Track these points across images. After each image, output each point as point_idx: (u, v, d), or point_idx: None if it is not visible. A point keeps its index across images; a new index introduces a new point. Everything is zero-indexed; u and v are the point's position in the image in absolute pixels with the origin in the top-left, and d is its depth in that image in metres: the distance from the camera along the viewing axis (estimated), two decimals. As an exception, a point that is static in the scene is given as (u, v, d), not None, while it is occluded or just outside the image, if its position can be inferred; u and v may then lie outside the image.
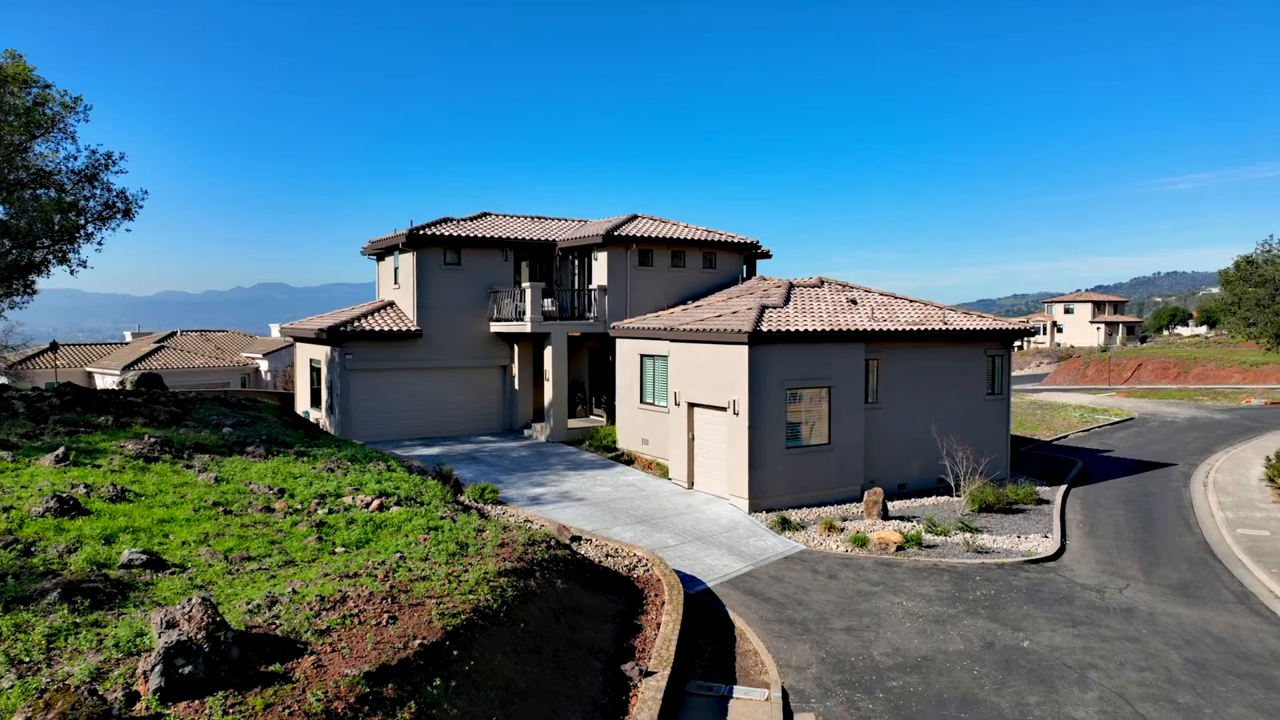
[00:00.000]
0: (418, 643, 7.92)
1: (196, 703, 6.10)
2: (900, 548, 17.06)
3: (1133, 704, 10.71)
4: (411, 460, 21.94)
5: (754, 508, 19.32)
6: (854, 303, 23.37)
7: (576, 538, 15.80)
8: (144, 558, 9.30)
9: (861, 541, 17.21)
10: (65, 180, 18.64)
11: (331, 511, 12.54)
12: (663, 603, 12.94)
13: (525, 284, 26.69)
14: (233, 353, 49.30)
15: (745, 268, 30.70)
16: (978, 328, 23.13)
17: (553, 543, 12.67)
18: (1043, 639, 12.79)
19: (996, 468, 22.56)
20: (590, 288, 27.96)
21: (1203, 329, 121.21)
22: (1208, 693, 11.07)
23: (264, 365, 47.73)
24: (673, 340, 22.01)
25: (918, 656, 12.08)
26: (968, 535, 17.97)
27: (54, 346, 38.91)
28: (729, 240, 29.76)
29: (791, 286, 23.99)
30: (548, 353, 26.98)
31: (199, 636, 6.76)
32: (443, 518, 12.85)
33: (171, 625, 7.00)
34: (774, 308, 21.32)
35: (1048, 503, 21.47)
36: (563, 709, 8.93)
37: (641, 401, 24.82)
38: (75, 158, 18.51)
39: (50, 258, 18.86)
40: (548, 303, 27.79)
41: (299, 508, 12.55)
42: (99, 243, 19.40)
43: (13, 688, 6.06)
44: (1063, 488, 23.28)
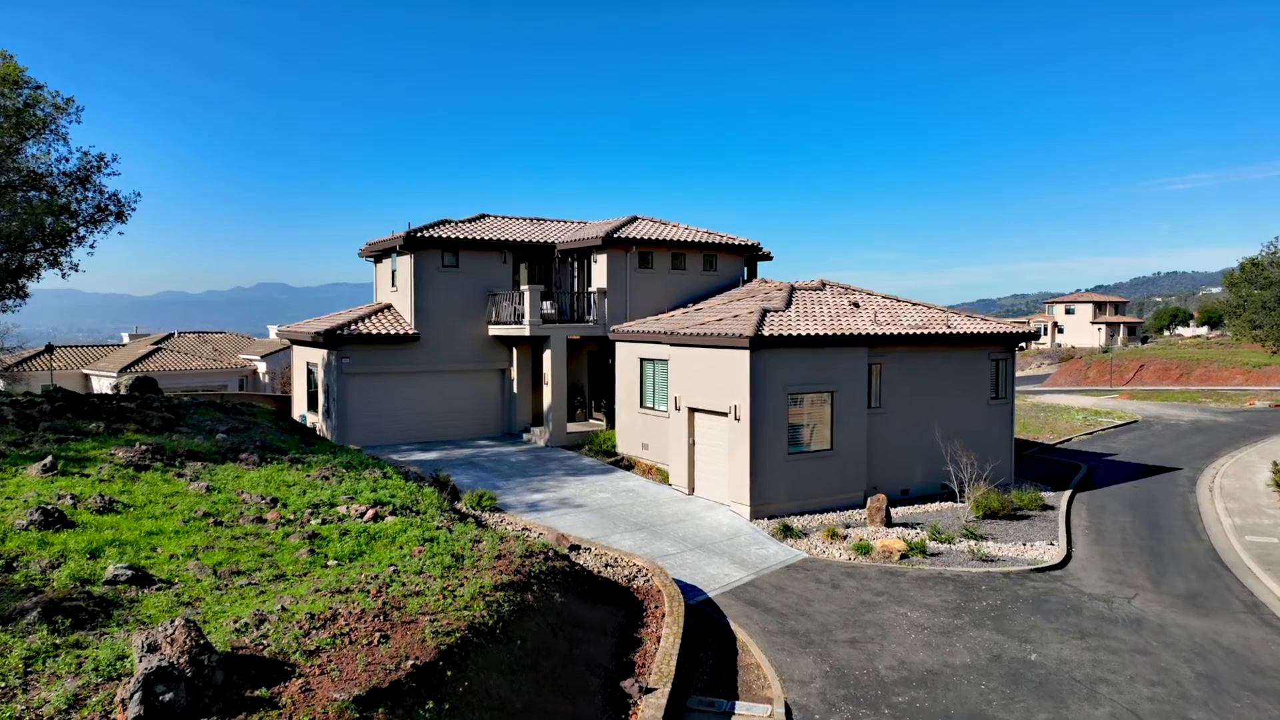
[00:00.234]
0: (410, 663, 7.68)
1: (177, 732, 5.86)
2: (904, 556, 16.80)
3: (1145, 721, 10.47)
4: (408, 466, 21.68)
5: (755, 514, 19.06)
6: (856, 306, 23.12)
7: (575, 546, 15.54)
8: (130, 573, 9.04)
9: (865, 549, 16.96)
10: (57, 183, 18.37)
11: (325, 522, 12.28)
12: (663, 614, 12.69)
13: (524, 287, 26.41)
14: (230, 355, 49.06)
15: (746, 270, 30.43)
16: (981, 331, 22.88)
17: (550, 553, 12.41)
18: (1051, 651, 12.54)
19: (1000, 473, 22.30)
20: (590, 290, 27.68)
21: (1203, 329, 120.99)
22: (1222, 708, 10.81)
23: (262, 367, 47.47)
24: (673, 344, 21.74)
25: (923, 670, 11.83)
26: (972, 543, 17.72)
27: (49, 349, 38.64)
28: (730, 242, 29.50)
29: (793, 289, 23.72)
30: (547, 356, 26.70)
31: (181, 661, 6.51)
32: (438, 528, 12.60)
33: (153, 649, 6.74)
34: (775, 311, 21.06)
35: (1053, 508, 21.22)
36: (560, 730, 8.69)
37: (641, 406, 24.55)
38: (67, 159, 18.27)
39: (42, 261, 18.58)
40: (547, 305, 27.50)
41: (291, 518, 12.30)
42: (91, 246, 19.17)
43: (-16, 717, 5.82)
44: (1067, 493, 23.02)
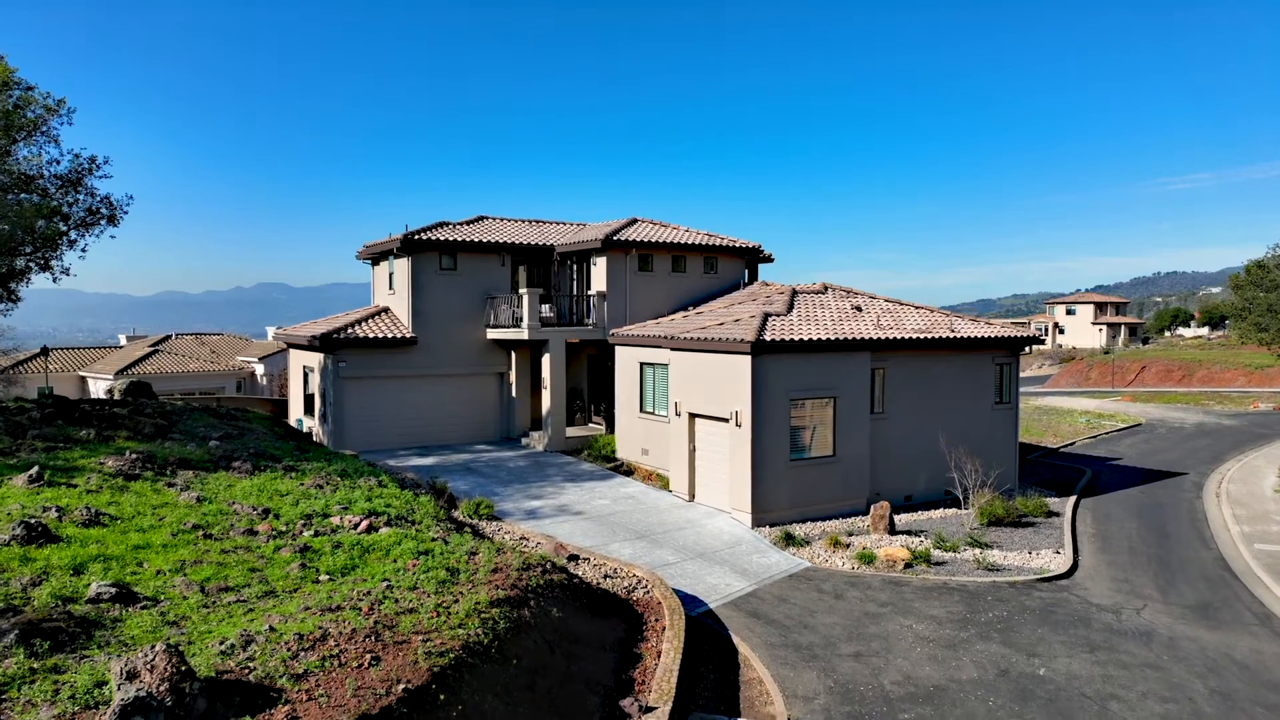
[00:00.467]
0: (401, 687, 7.41)
1: (152, 770, 5.58)
2: (908, 565, 16.53)
3: (1158, 741, 10.20)
4: (405, 472, 21.39)
5: (757, 522, 18.78)
6: (859, 310, 22.83)
7: (574, 556, 15.26)
8: (113, 591, 8.76)
9: (868, 558, 16.69)
10: (48, 185, 18.08)
11: (318, 534, 12.00)
12: (663, 628, 12.41)
13: (522, 290, 26.11)
14: (228, 357, 48.75)
15: (747, 272, 30.15)
16: (985, 335, 22.60)
17: (548, 565, 12.14)
18: (1060, 666, 12.26)
19: (1005, 478, 22.02)
20: (589, 293, 27.39)
21: (1204, 330, 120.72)
22: (1236, 727, 10.55)
23: (260, 369, 47.17)
24: (673, 349, 21.46)
25: (929, 685, 11.56)
26: (978, 551, 17.45)
27: (44, 351, 38.32)
28: (731, 245, 29.21)
29: (795, 293, 23.43)
30: (545, 360, 26.41)
31: (161, 689, 6.24)
32: (434, 539, 12.34)
33: (132, 676, 6.47)
34: (777, 315, 20.78)
35: (1058, 515, 20.96)
36: (557, 754, 8.41)
37: (641, 410, 24.25)
38: (58, 162, 17.96)
39: (32, 265, 18.29)
40: (545, 309, 27.20)
41: (283, 530, 12.03)
42: (83, 249, 18.86)
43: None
44: (1072, 499, 22.76)
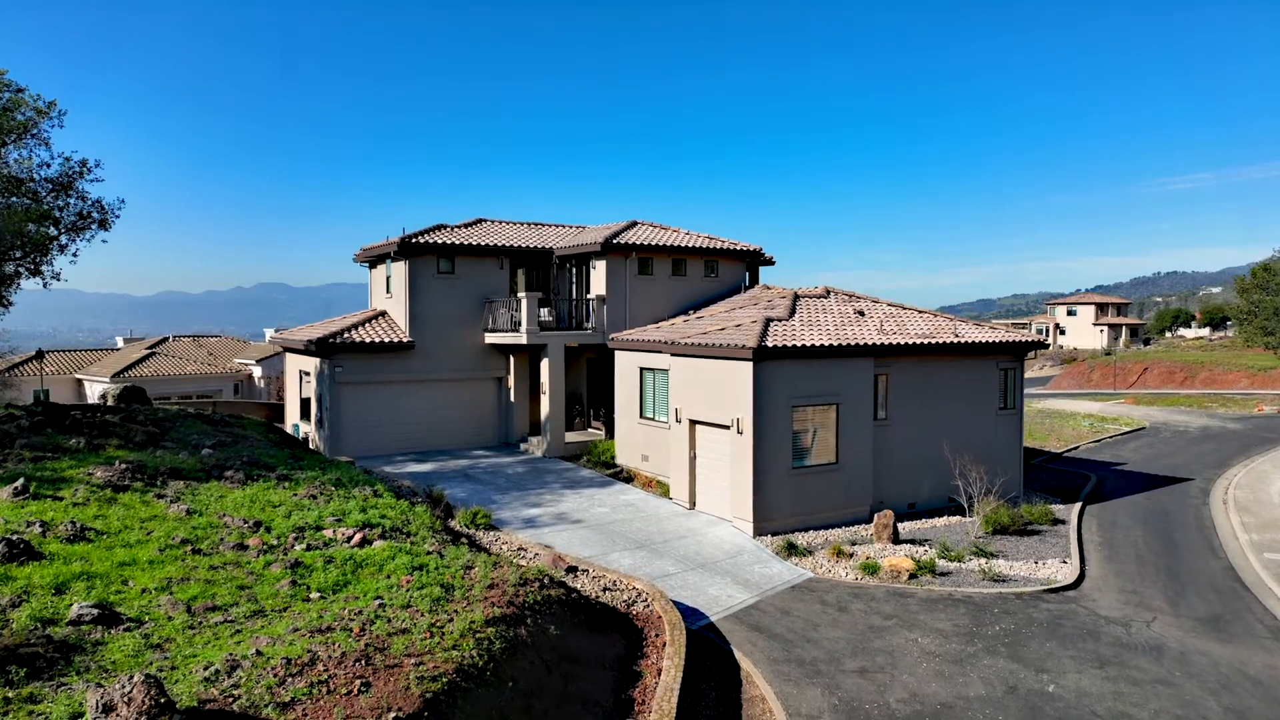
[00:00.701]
0: (392, 716, 7.14)
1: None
2: (913, 576, 16.24)
3: (1173, 764, 9.91)
4: (401, 480, 21.12)
5: (759, 531, 18.49)
6: (861, 314, 22.55)
7: (572, 568, 14.98)
8: (95, 612, 8.48)
9: (872, 569, 16.40)
10: (39, 189, 17.80)
11: (310, 548, 11.73)
12: (664, 644, 12.12)
13: (521, 294, 25.80)
14: (226, 359, 48.48)
15: (748, 275, 29.86)
16: (990, 340, 22.31)
17: (546, 580, 11.86)
18: (1069, 682, 11.98)
19: (1009, 485, 21.72)
20: (588, 297, 27.11)
21: (1205, 331, 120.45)
22: (1253, 749, 10.26)
23: (257, 372, 46.89)
24: (674, 354, 21.16)
25: (936, 704, 11.27)
26: (983, 561, 17.17)
27: (40, 354, 38.02)
28: (732, 248, 28.92)
29: (797, 297, 23.13)
30: (544, 365, 26.11)
31: (138, 724, 5.95)
32: (429, 552, 12.06)
33: (108, 709, 6.20)
34: (779, 320, 20.49)
35: (1063, 522, 20.68)
36: (554, 783, 8.13)
37: (641, 416, 23.96)
38: (48, 165, 17.67)
39: (23, 270, 18.01)
40: (544, 312, 26.91)
41: (275, 543, 11.75)
42: (74, 254, 18.57)
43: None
44: (1078, 505, 22.48)
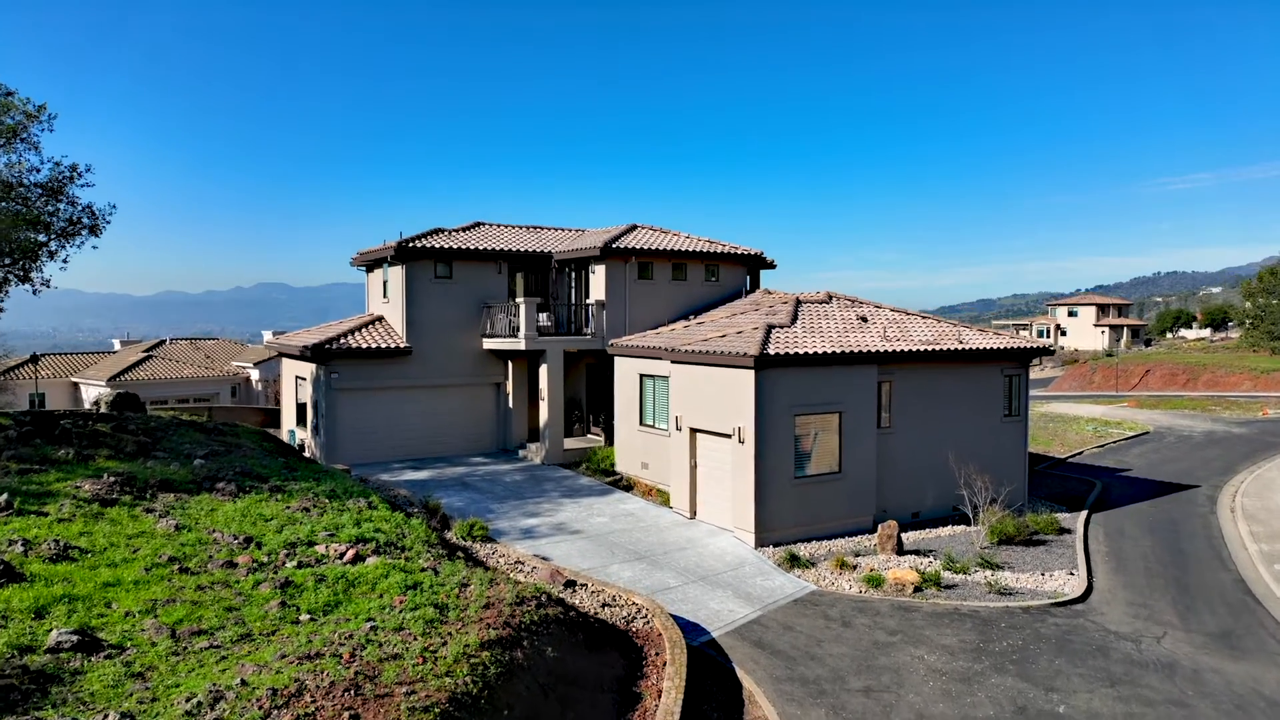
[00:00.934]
0: (381, 752, 6.84)
1: None
2: (918, 588, 15.95)
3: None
4: (398, 488, 20.83)
5: (760, 542, 18.19)
6: (864, 320, 22.24)
7: (571, 582, 14.68)
8: (75, 639, 8.19)
9: (876, 581, 16.10)
10: (29, 194, 17.50)
11: (301, 565, 11.44)
12: (664, 663, 11.82)
13: (519, 299, 25.49)
14: (223, 361, 48.18)
15: (749, 279, 29.56)
16: (994, 346, 22.00)
17: (543, 598, 11.56)
18: (1079, 703, 11.68)
19: (1014, 494, 21.42)
20: (588, 302, 26.80)
21: (1206, 331, 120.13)
22: (1271, 776, 9.96)
23: (255, 375, 46.58)
24: (674, 361, 20.86)
25: (944, 725, 10.98)
26: (989, 573, 16.87)
27: (34, 359, 37.70)
28: (732, 252, 28.61)
29: (798, 303, 22.83)
30: (543, 371, 25.80)
31: (111, 770, 5.65)
32: (423, 569, 11.78)
33: (81, 752, 5.90)
34: (780, 327, 20.19)
35: (1069, 531, 20.39)
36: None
37: (641, 423, 23.65)
38: (38, 170, 17.38)
39: (12, 276, 17.71)
40: (543, 317, 26.60)
41: (265, 561, 11.46)
42: (64, 260, 18.28)
43: None
44: (1083, 514, 22.18)
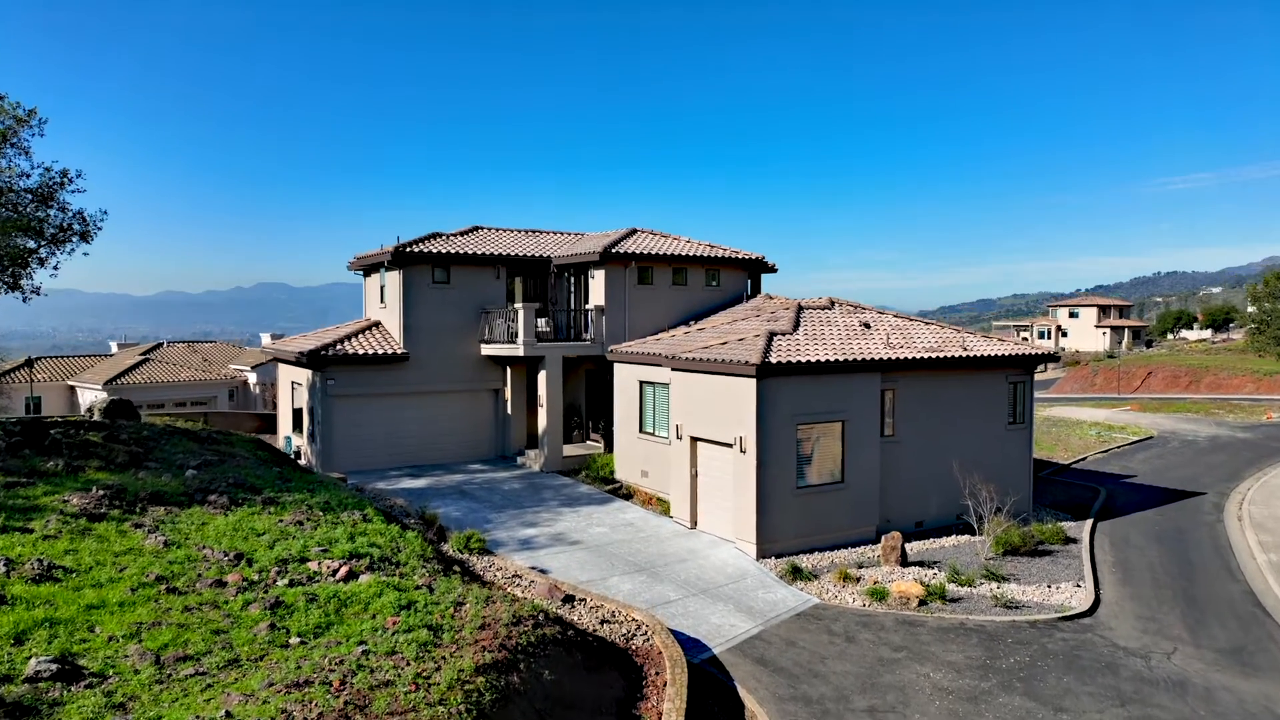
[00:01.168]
0: (369, 791, 6.55)
1: None
2: (923, 602, 15.68)
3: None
4: (395, 498, 20.56)
5: (762, 553, 17.91)
6: (867, 326, 21.96)
7: (570, 597, 14.40)
8: (55, 667, 7.91)
9: (880, 595, 15.82)
10: (19, 200, 17.21)
11: (292, 583, 11.16)
12: (664, 683, 11.55)
13: (518, 305, 25.20)
14: (220, 365, 47.90)
15: (750, 284, 29.29)
16: (999, 353, 21.72)
17: (541, 617, 11.27)
18: (1090, 724, 11.41)
19: (1019, 503, 21.14)
20: (587, 307, 26.52)
21: (1207, 332, 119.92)
22: (1289, 804, 9.68)
23: (252, 378, 46.32)
24: (674, 369, 20.57)
25: (952, 749, 10.70)
26: (995, 585, 16.61)
27: (29, 363, 37.43)
28: (733, 256, 28.34)
29: (800, 308, 22.54)
30: (542, 377, 25.51)
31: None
32: (418, 587, 11.49)
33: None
34: (782, 334, 19.91)
35: (1075, 541, 20.13)
36: None
37: (641, 431, 23.36)
38: (28, 175, 17.08)
39: (1, 283, 17.42)
40: (542, 323, 26.31)
41: (256, 579, 11.18)
42: (55, 267, 17.99)
43: None
44: (1089, 523, 21.92)
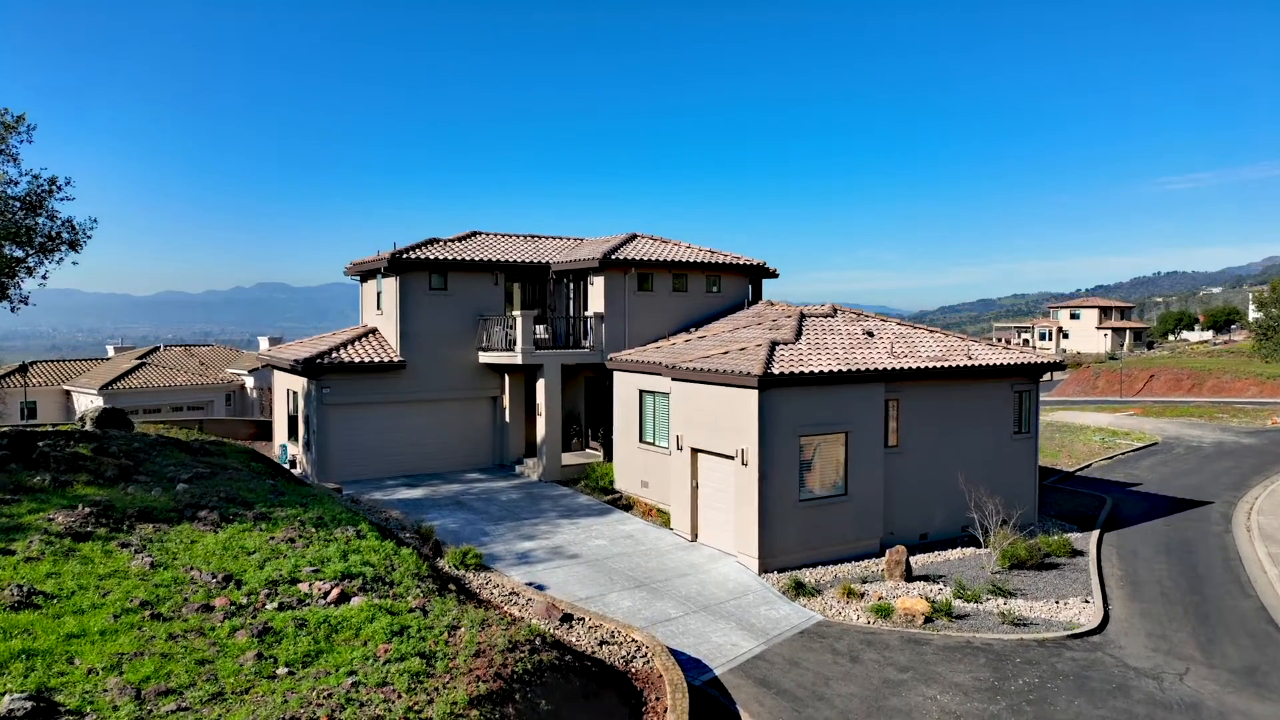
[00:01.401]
0: (355, 842, 6.22)
1: None
2: (928, 619, 15.35)
3: None
4: (391, 509, 20.23)
5: (764, 568, 17.59)
6: (870, 335, 21.64)
7: (568, 616, 14.07)
8: (30, 705, 7.56)
9: (885, 611, 15.50)
10: (7, 208, 16.89)
11: (282, 607, 10.82)
12: (665, 709, 11.23)
13: (516, 312, 24.86)
14: (217, 369, 47.54)
15: (751, 289, 28.95)
16: (1004, 362, 21.39)
17: (537, 641, 10.95)
18: (1103, 751, 11.08)
19: (1025, 514, 20.83)
20: (586, 314, 26.18)
21: (1209, 334, 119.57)
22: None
23: (249, 382, 45.96)
24: (675, 378, 20.24)
25: (961, 778, 10.37)
26: (1001, 601, 16.28)
27: (23, 368, 37.10)
28: (734, 262, 28.01)
29: (803, 316, 22.21)
30: (540, 385, 25.18)
31: None
32: (411, 610, 11.16)
33: None
34: (785, 343, 19.58)
35: (1082, 554, 19.80)
36: None
37: (641, 440, 23.02)
38: (16, 183, 16.76)
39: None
40: (540, 330, 25.98)
41: (244, 602, 10.84)
42: (43, 276, 17.68)
43: None
44: (1095, 534, 21.58)
